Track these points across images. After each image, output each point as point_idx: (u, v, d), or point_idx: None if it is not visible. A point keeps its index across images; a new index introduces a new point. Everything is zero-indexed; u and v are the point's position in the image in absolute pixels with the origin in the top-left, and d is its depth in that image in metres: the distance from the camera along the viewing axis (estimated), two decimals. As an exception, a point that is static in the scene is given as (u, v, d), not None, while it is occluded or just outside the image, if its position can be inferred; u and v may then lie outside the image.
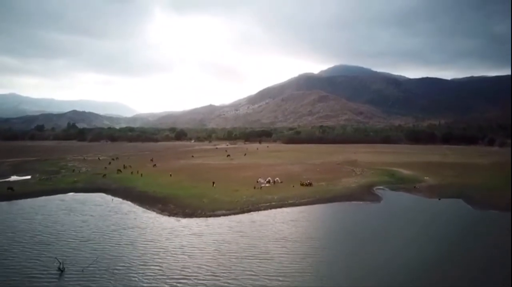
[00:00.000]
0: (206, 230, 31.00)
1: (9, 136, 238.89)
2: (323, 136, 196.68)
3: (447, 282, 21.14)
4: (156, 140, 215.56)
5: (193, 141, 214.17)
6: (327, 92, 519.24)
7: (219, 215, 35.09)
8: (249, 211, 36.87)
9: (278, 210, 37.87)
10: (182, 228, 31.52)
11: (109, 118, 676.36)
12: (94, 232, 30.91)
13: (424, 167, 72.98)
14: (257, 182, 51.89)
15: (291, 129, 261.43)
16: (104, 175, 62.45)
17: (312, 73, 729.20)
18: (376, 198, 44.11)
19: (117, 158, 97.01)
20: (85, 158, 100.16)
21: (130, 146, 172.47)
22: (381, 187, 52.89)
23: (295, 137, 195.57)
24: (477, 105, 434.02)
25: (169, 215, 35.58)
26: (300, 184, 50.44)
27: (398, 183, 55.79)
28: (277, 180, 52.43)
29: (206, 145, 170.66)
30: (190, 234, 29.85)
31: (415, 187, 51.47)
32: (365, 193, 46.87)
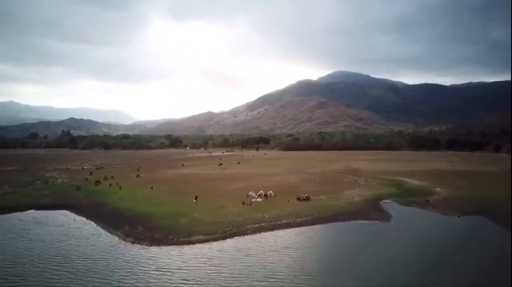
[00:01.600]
0: (175, 264, 24.47)
1: (0, 144, 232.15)
2: (322, 143, 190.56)
3: None
4: (150, 148, 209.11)
5: (188, 148, 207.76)
6: (326, 99, 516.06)
7: (194, 242, 28.50)
8: (233, 235, 30.32)
9: (269, 233, 31.35)
10: (145, 261, 24.98)
11: (107, 125, 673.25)
12: (32, 266, 24.36)
13: (432, 176, 66.82)
14: (248, 196, 45.50)
15: (290, 135, 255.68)
16: (78, 187, 56.01)
17: (311, 80, 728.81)
18: (385, 216, 37.67)
19: (101, 167, 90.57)
20: (68, 167, 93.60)
21: (122, 154, 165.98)
22: (389, 200, 46.60)
23: (294, 144, 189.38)
24: (476, 111, 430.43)
25: (133, 242, 28.99)
26: (297, 198, 43.99)
27: (407, 195, 49.53)
28: (270, 193, 45.98)
29: (200, 153, 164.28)
30: (152, 271, 23.30)
31: (427, 201, 45.09)
32: (372, 209, 40.47)
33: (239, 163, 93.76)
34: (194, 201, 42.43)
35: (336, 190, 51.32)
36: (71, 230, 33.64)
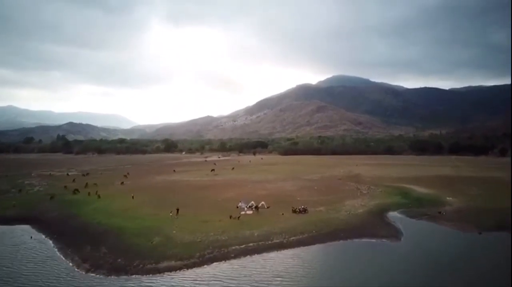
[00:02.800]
0: (133, 302, 19.26)
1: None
2: (321, 147, 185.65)
3: None
4: (145, 152, 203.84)
5: (183, 153, 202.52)
6: (325, 103, 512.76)
7: (164, 270, 23.21)
8: (212, 260, 25.08)
9: (257, 256, 26.13)
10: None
11: (106, 129, 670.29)
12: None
13: (439, 183, 61.86)
14: (237, 207, 40.35)
15: (288, 139, 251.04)
16: (53, 197, 50.86)
17: (310, 84, 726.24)
18: (394, 233, 32.49)
19: (87, 174, 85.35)
20: (53, 173, 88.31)
21: (116, 159, 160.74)
22: (396, 212, 41.57)
23: (292, 148, 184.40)
24: (476, 115, 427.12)
25: (88, 269, 23.68)
26: (292, 210, 38.81)
27: (416, 206, 44.52)
28: (262, 204, 40.79)
29: (196, 158, 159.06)
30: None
31: (440, 212, 39.99)
32: (378, 224, 35.32)
33: (233, 168, 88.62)
34: (171, 214, 37.18)
35: (337, 200, 46.25)
36: (22, 251, 28.41)
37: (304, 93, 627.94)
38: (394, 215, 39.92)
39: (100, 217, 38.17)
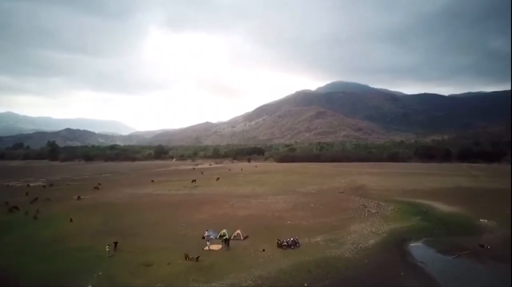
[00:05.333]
0: None
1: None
2: (321, 153, 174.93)
3: None
4: (135, 159, 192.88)
5: (174, 160, 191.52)
6: (325, 109, 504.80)
7: None
8: None
9: None
10: None
11: (104, 136, 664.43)
12: None
13: (463, 198, 51.08)
14: (203, 238, 29.39)
15: (287, 145, 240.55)
16: (-25, 218, 40.02)
17: (309, 90, 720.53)
18: (428, 285, 21.46)
19: (51, 184, 74.48)
20: (10, 184, 77.37)
21: (100, 166, 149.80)
22: (419, 242, 30.74)
23: (290, 155, 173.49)
24: (476, 121, 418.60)
25: None
26: (277, 244, 27.79)
27: (443, 232, 33.74)
28: (238, 234, 29.79)
29: (186, 165, 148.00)
30: None
31: (483, 246, 28.99)
32: (400, 266, 24.28)
33: (218, 179, 77.54)
34: (108, 249, 25.93)
35: (339, 224, 35.36)
36: None
37: (303, 99, 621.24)
38: (418, 249, 28.98)
39: (9, 253, 27.30)
